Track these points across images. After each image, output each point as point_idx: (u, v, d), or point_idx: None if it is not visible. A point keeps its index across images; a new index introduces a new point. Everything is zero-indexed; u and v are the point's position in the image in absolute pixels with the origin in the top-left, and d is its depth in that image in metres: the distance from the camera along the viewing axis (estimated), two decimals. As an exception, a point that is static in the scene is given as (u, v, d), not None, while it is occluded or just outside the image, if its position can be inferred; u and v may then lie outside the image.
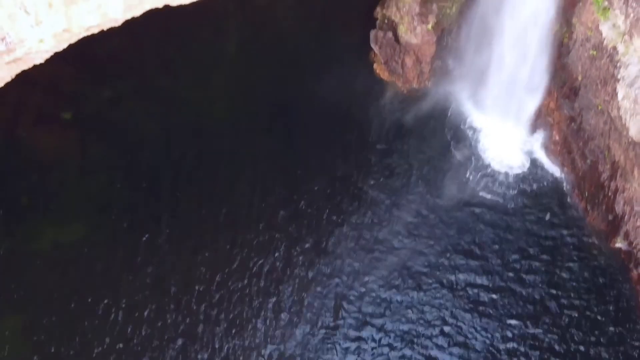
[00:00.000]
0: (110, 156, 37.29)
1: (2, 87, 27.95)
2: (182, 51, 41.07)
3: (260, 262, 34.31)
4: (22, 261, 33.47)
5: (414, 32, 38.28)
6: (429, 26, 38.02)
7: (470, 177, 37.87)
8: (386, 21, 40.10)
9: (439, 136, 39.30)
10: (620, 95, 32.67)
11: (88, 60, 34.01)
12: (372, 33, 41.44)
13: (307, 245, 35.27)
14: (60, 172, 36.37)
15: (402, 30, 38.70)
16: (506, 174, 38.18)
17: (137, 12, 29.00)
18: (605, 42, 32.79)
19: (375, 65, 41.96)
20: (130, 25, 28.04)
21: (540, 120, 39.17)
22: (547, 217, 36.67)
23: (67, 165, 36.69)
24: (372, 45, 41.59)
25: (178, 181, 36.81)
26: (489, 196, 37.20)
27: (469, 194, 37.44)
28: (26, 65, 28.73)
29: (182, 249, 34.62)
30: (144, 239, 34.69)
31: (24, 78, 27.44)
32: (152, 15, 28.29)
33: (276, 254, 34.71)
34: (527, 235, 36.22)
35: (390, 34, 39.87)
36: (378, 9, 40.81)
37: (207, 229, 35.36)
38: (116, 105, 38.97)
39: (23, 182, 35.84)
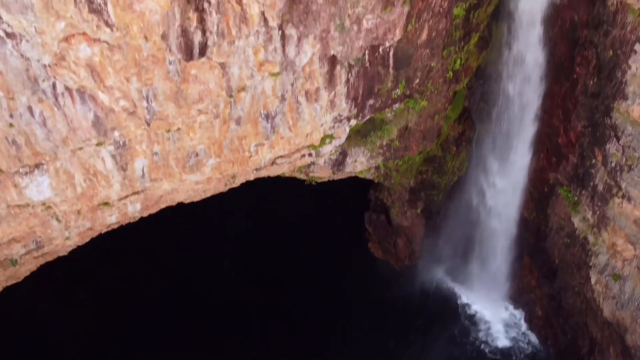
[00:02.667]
0: (122, 334, 39.59)
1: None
2: (191, 233, 44.17)
3: None
4: None
5: (405, 216, 41.68)
6: (419, 210, 41.42)
7: (457, 353, 40.07)
8: (379, 203, 43.64)
9: (428, 312, 41.78)
10: (593, 280, 35.56)
11: (103, 240, 36.76)
12: (367, 215, 44.93)
13: None
14: (75, 349, 38.62)
15: (394, 213, 42.14)
16: (492, 349, 40.42)
17: (154, 210, 32.68)
18: (577, 232, 35.93)
19: (369, 244, 45.17)
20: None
21: (523, 296, 41.81)
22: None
23: (82, 343, 38.94)
24: (367, 225, 44.98)
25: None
26: (475, 373, 39.48)
27: (455, 372, 39.62)
28: (51, 257, 32.09)
29: None
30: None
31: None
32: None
33: None
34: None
35: (383, 217, 43.32)
36: (372, 192, 44.39)
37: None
38: (129, 284, 41.71)
39: (40, 356, 38.15)
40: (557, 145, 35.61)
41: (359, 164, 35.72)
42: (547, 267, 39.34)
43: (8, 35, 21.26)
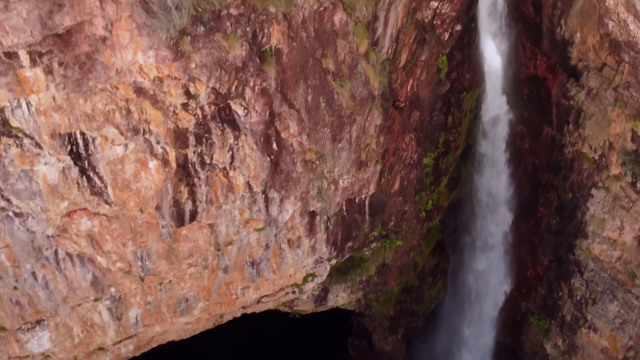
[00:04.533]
0: None
1: None
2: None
3: None
4: None
5: (386, 341, 43.37)
6: (399, 336, 43.15)
7: None
8: (361, 328, 45.35)
9: None
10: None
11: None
12: (349, 340, 46.59)
13: None
14: None
15: (375, 338, 43.85)
16: None
17: (146, 349, 34.38)
18: (550, 358, 37.75)
19: (353, 372, 46.75)
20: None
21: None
22: None
23: None
24: (350, 350, 46.56)
25: None
26: None
27: None
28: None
29: None
30: None
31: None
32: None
33: None
34: None
35: (365, 342, 44.97)
36: (354, 317, 46.16)
37: None
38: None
39: None
40: (526, 277, 37.84)
41: (341, 298, 37.68)
42: (526, 389, 40.95)
43: (16, 214, 23.52)
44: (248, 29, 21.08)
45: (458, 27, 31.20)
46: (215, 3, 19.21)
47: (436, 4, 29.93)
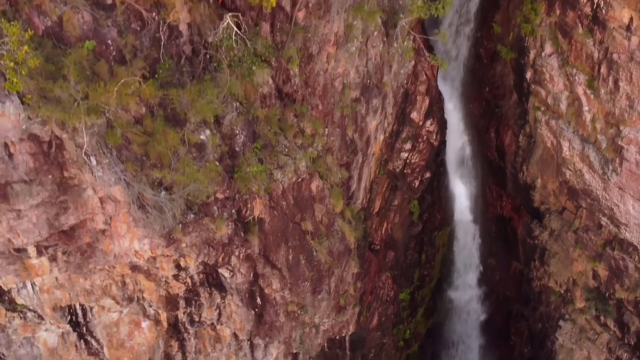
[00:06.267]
0: None
1: None
2: None
3: None
4: None
5: None
6: None
7: None
8: None
9: None
10: None
11: None
12: None
13: None
14: None
15: None
16: None
17: None
18: None
19: None
20: None
21: None
22: None
23: None
24: None
25: None
26: None
27: None
28: None
29: None
30: None
31: None
32: None
33: None
34: None
35: None
36: None
37: None
38: None
39: None
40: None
41: None
42: None
43: (18, 376, 25.26)
44: (233, 210, 23.38)
45: (427, 175, 33.80)
46: (204, 197, 21.53)
47: (406, 155, 32.62)
